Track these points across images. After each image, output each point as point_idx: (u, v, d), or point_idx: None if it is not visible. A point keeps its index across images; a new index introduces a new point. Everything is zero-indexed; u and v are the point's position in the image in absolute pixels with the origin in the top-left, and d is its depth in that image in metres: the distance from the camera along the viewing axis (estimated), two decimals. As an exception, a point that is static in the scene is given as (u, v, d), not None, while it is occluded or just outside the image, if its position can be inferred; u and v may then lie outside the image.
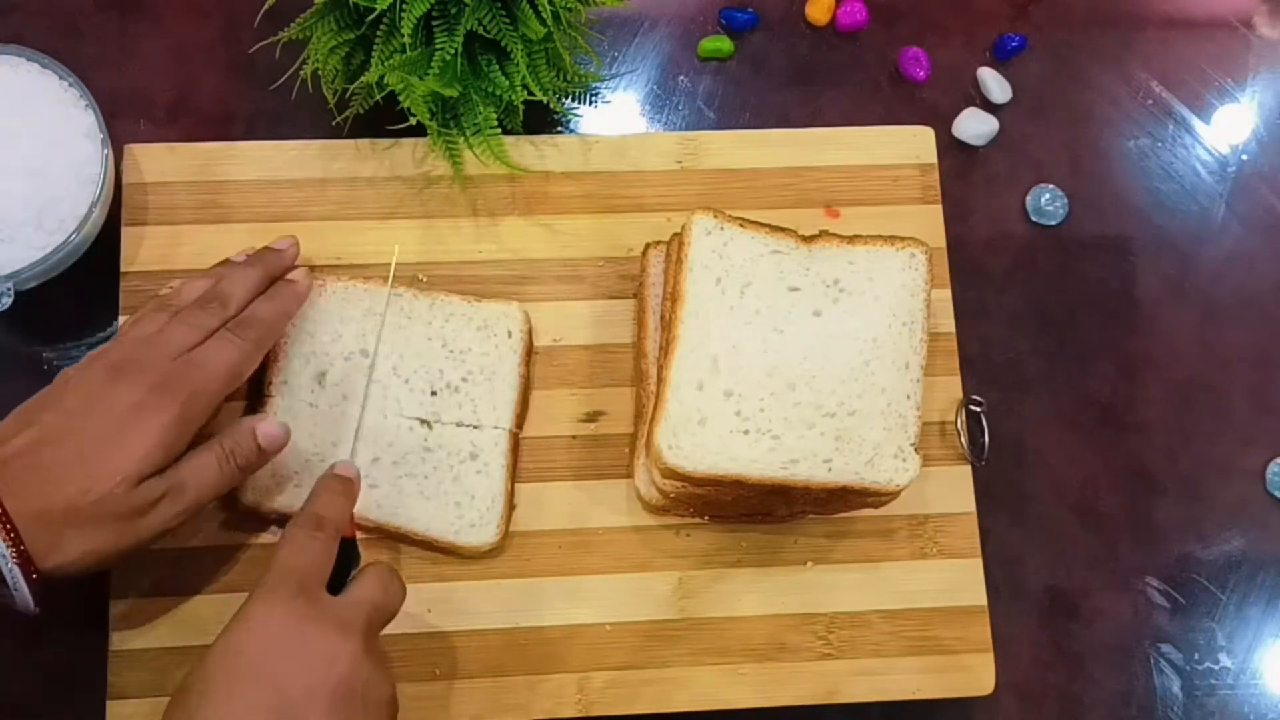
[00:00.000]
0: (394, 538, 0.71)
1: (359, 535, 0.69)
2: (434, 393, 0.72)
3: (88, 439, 0.61)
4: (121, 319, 0.73)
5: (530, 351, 0.74)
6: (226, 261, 0.72)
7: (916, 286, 0.71)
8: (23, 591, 0.60)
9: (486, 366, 0.73)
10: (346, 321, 0.73)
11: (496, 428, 0.72)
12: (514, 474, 0.72)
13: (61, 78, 0.73)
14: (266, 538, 0.71)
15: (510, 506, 0.72)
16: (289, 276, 0.72)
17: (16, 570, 0.59)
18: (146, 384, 0.63)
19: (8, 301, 0.70)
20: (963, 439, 0.75)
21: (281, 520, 0.71)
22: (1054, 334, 0.83)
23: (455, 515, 0.71)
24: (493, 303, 0.74)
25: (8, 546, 0.59)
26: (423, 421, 0.72)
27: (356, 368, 0.72)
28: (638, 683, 0.71)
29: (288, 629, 0.59)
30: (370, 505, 0.70)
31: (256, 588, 0.60)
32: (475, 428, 0.72)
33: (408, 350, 0.73)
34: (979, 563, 0.74)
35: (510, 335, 0.73)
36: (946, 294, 0.78)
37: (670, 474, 0.67)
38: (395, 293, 0.73)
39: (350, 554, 0.65)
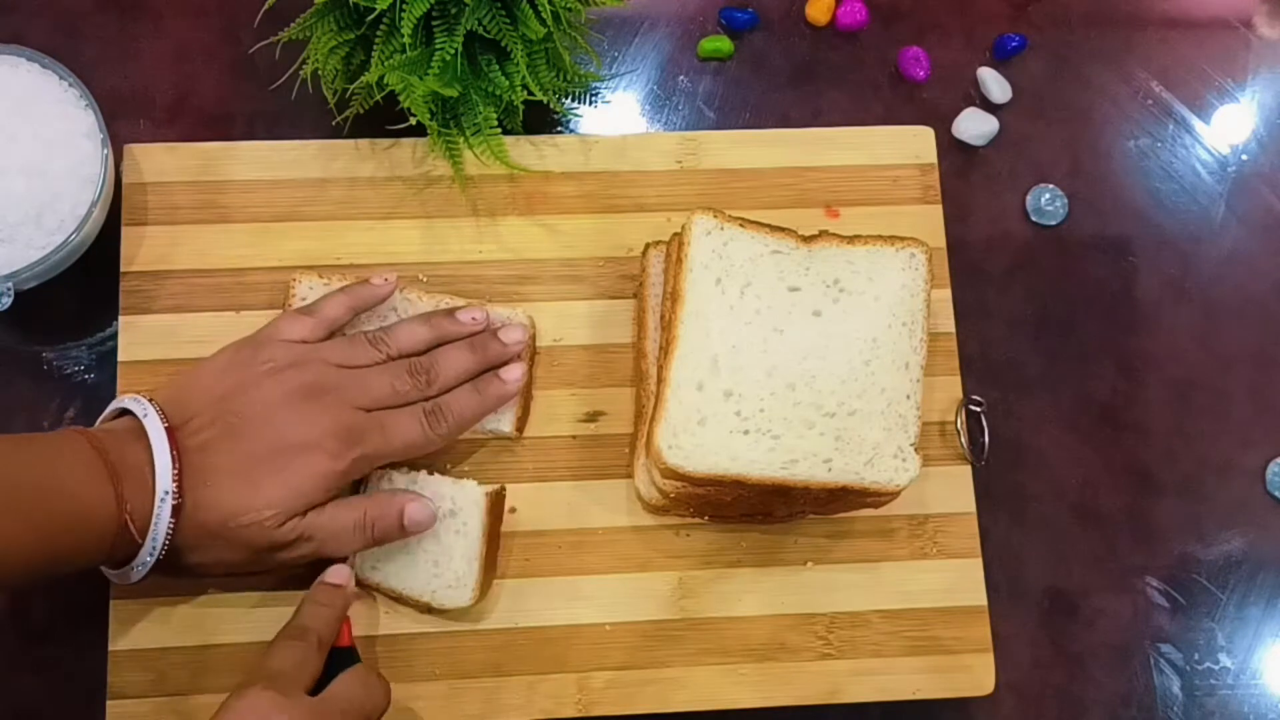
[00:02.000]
0: (376, 593, 0.70)
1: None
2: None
3: (259, 460, 0.63)
4: (121, 318, 0.73)
5: (534, 356, 0.74)
6: (452, 313, 0.71)
7: (916, 286, 0.71)
8: (141, 573, 0.62)
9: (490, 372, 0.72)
10: (352, 323, 0.72)
11: (496, 431, 0.72)
12: (496, 535, 0.70)
13: (61, 78, 0.73)
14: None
15: (490, 569, 0.70)
16: (502, 374, 0.71)
17: (154, 561, 0.61)
18: (330, 425, 0.64)
19: (8, 301, 0.70)
20: (963, 439, 0.75)
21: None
22: (1054, 334, 0.83)
23: (432, 574, 0.69)
24: (499, 308, 0.74)
25: (166, 538, 0.61)
26: (410, 468, 0.70)
27: None
28: (638, 683, 0.71)
29: None
30: (352, 557, 0.69)
31: (235, 688, 0.61)
32: (477, 429, 0.71)
33: (414, 354, 0.72)
34: (979, 563, 0.74)
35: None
36: (946, 294, 0.78)
37: (670, 474, 0.67)
38: (402, 295, 0.73)
39: (347, 663, 0.64)
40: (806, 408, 0.68)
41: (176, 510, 0.61)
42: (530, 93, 0.72)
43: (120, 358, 0.72)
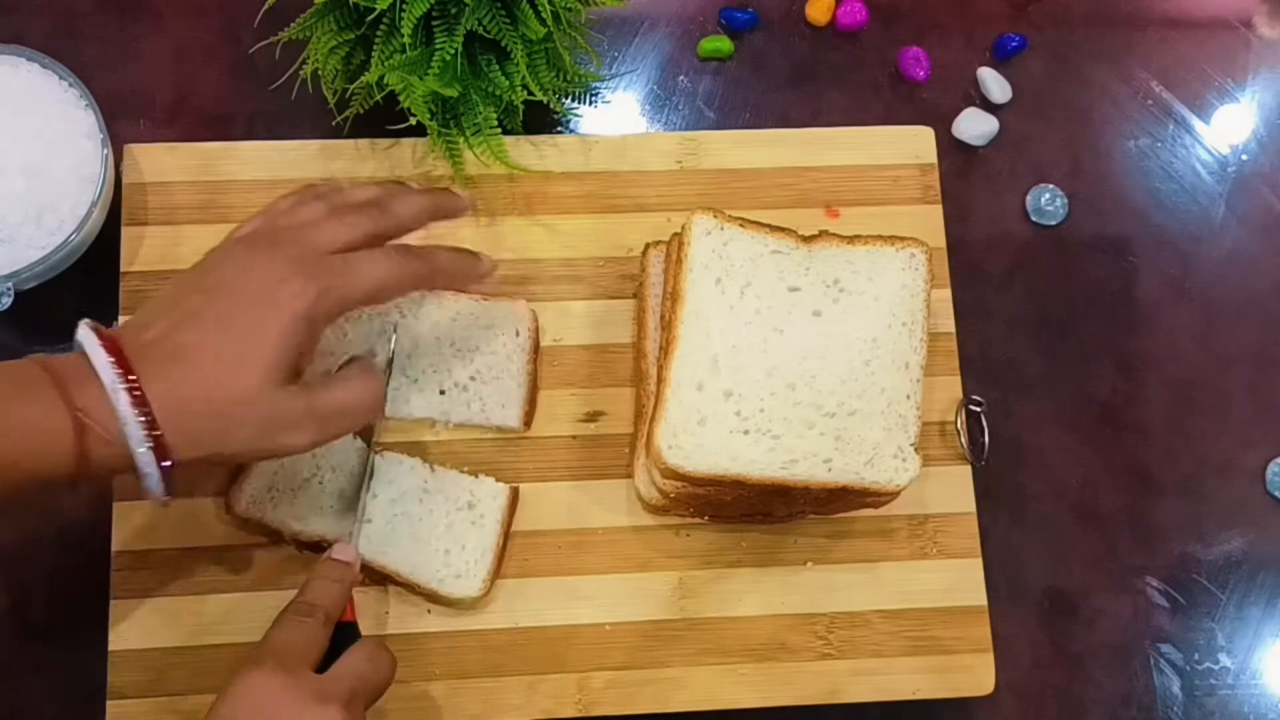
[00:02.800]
0: (378, 576, 0.70)
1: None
2: (442, 392, 0.72)
3: (224, 322, 0.60)
4: (121, 318, 0.73)
5: (538, 349, 0.74)
6: (397, 181, 0.69)
7: (916, 286, 0.71)
8: (153, 479, 0.59)
9: (495, 365, 0.73)
10: (353, 321, 0.72)
11: (503, 426, 0.72)
12: (509, 529, 0.71)
13: (61, 78, 0.73)
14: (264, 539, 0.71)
15: (500, 562, 0.71)
16: (479, 268, 0.69)
17: (151, 458, 0.58)
18: (290, 266, 0.61)
19: (8, 301, 0.70)
20: (963, 439, 0.75)
21: (271, 535, 0.70)
22: (1054, 334, 0.83)
23: (442, 563, 0.69)
24: (500, 302, 0.74)
25: (143, 432, 0.57)
26: (425, 462, 0.71)
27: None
28: (638, 683, 0.71)
29: (267, 701, 0.59)
30: (361, 540, 0.69)
31: (240, 665, 0.60)
32: (479, 424, 0.72)
33: (415, 350, 0.73)
34: (979, 563, 0.74)
35: (518, 334, 0.73)
36: (946, 294, 0.78)
37: (670, 474, 0.67)
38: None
39: (350, 639, 0.64)
40: (806, 408, 0.68)
41: (141, 401, 0.57)
42: (530, 93, 0.72)
43: (120, 358, 0.72)
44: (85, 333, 0.59)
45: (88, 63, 0.77)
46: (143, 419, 0.57)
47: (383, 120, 0.74)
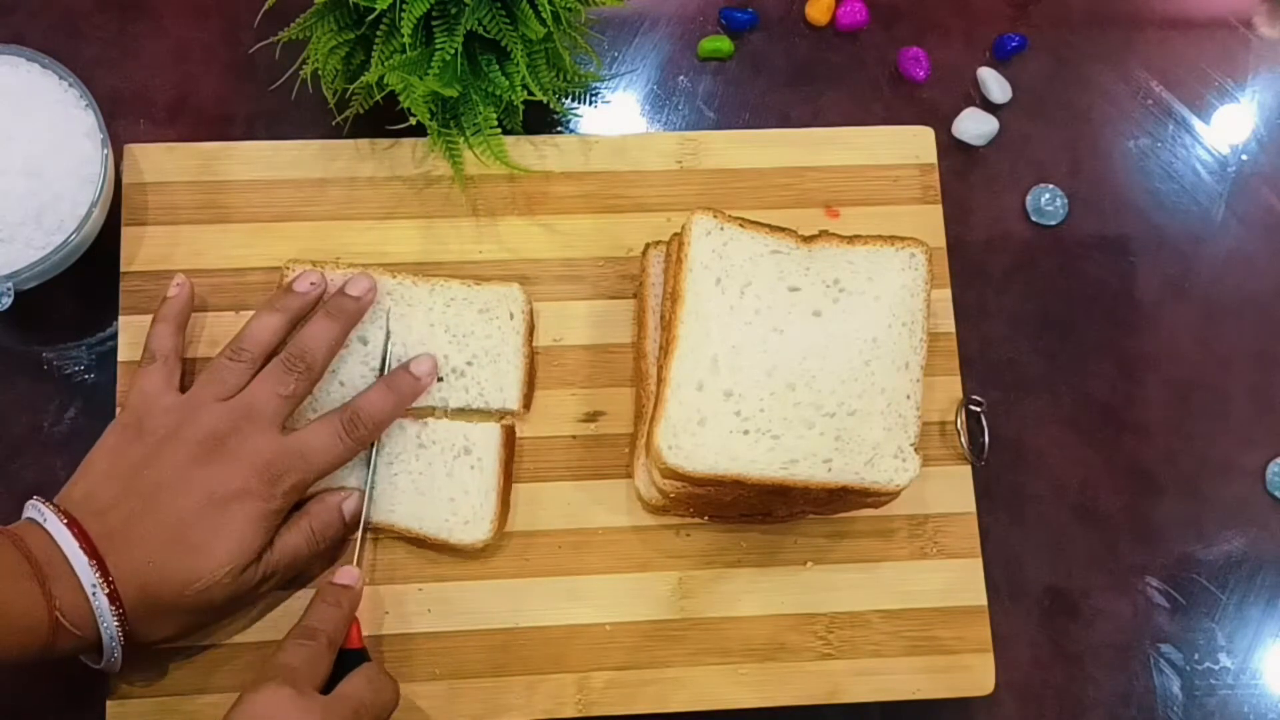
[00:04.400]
0: (391, 536, 0.71)
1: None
2: (440, 378, 0.72)
3: (190, 524, 0.63)
4: (121, 318, 0.73)
5: (532, 331, 0.75)
6: (288, 290, 0.70)
7: (916, 286, 0.71)
8: (115, 663, 0.63)
9: (491, 349, 0.73)
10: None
11: (503, 410, 0.72)
12: (509, 470, 0.72)
13: (61, 78, 0.73)
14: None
15: (505, 504, 0.72)
16: (412, 368, 0.70)
17: (119, 646, 0.62)
18: (248, 468, 0.64)
19: (8, 301, 0.70)
20: (963, 439, 0.75)
21: None
22: (1054, 334, 0.83)
23: (449, 512, 0.70)
24: (493, 285, 0.74)
25: (116, 624, 0.61)
26: (416, 418, 0.72)
27: (355, 355, 0.72)
28: (638, 683, 0.71)
29: (278, 714, 0.59)
30: (367, 502, 0.70)
31: (249, 685, 0.61)
32: (478, 409, 0.72)
33: (410, 338, 0.73)
34: (979, 563, 0.74)
35: (512, 317, 0.73)
36: (946, 294, 0.78)
37: (670, 474, 0.67)
38: (396, 281, 0.73)
39: (355, 663, 0.65)
40: (806, 408, 0.68)
41: (115, 597, 0.61)
42: (530, 93, 0.72)
43: (120, 358, 0.72)
44: (54, 523, 0.61)
45: (88, 63, 0.78)
46: (117, 617, 0.61)
47: (383, 120, 0.74)
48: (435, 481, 0.71)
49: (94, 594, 0.60)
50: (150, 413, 0.66)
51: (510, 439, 0.72)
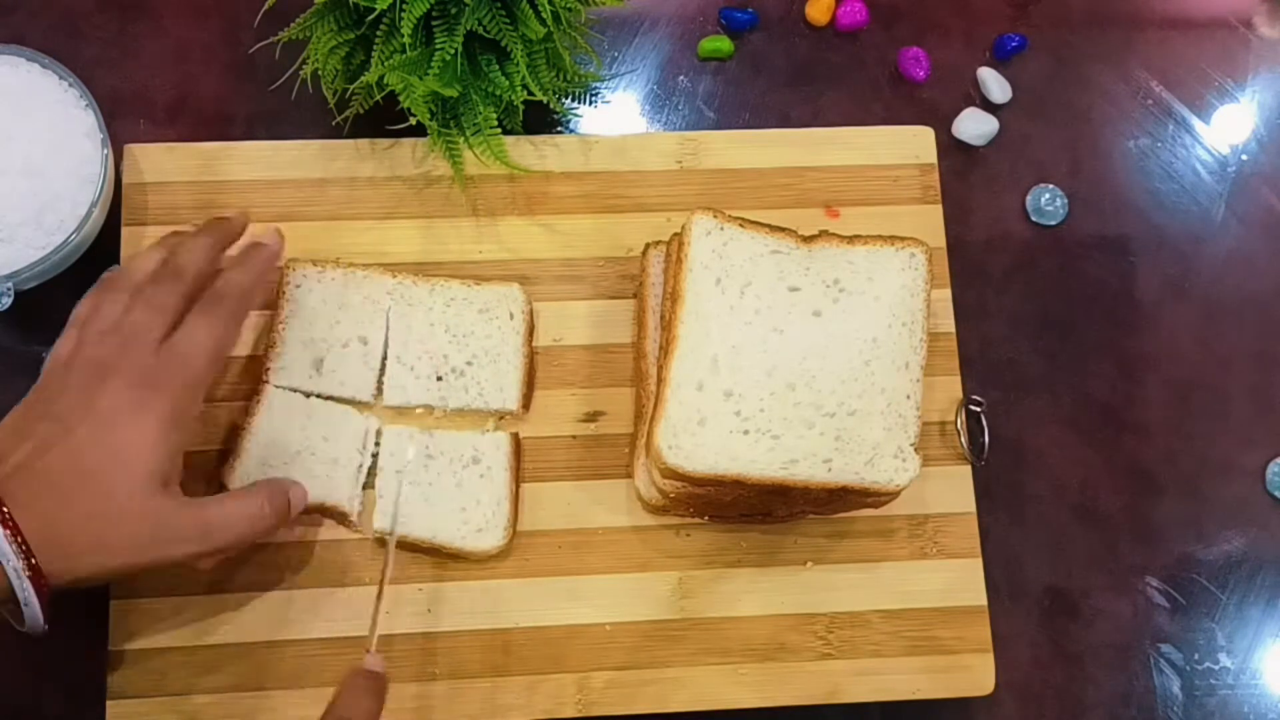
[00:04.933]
0: (402, 546, 0.71)
1: None
2: (439, 378, 0.72)
3: (87, 446, 0.61)
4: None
5: (532, 331, 0.75)
6: (174, 233, 0.69)
7: (916, 286, 0.71)
8: (34, 608, 0.59)
9: (490, 349, 0.73)
10: (345, 308, 0.73)
11: (502, 410, 0.72)
12: (518, 476, 0.72)
13: (61, 78, 0.73)
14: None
15: (516, 509, 0.72)
16: (260, 239, 0.70)
17: (29, 586, 0.59)
18: (133, 382, 0.62)
19: (8, 301, 0.70)
20: (963, 439, 0.75)
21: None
22: (1054, 334, 0.83)
23: (461, 521, 0.70)
24: (493, 285, 0.74)
25: (20, 561, 0.58)
26: (424, 429, 0.72)
27: (355, 354, 0.72)
28: (638, 683, 0.71)
29: None
30: (377, 515, 0.70)
31: None
32: (477, 409, 0.72)
33: (410, 337, 0.73)
34: (979, 563, 0.74)
35: (512, 317, 0.74)
36: (946, 294, 0.78)
37: (670, 474, 0.67)
38: (396, 281, 0.73)
39: None
40: (806, 408, 0.68)
41: (14, 530, 0.58)
42: (530, 93, 0.72)
43: (120, 358, 0.72)
44: None
45: (88, 63, 0.77)
46: (20, 550, 0.58)
47: (383, 120, 0.74)
48: (446, 492, 0.71)
49: None
50: (49, 365, 0.64)
51: (517, 447, 0.73)
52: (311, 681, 0.69)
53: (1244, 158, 0.88)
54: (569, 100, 0.82)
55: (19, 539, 0.58)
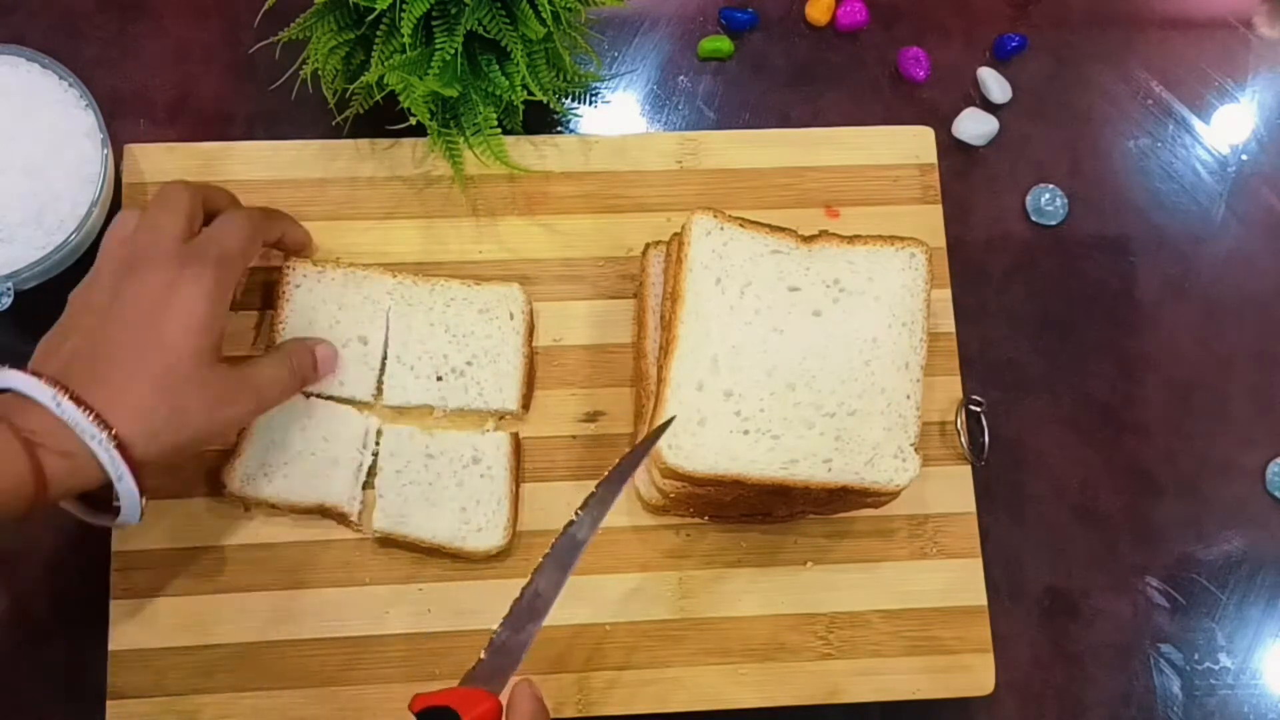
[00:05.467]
0: (403, 546, 0.71)
1: None
2: (439, 378, 0.72)
3: (139, 321, 0.61)
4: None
5: (532, 331, 0.75)
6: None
7: (916, 286, 0.71)
8: (128, 482, 0.60)
9: (490, 349, 0.73)
10: (345, 308, 0.73)
11: (502, 410, 0.72)
12: (518, 476, 0.72)
13: (61, 78, 0.73)
14: (265, 538, 0.71)
15: (516, 509, 0.72)
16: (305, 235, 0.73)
17: (119, 458, 0.59)
18: (171, 263, 0.63)
19: (8, 301, 0.70)
20: (963, 439, 0.75)
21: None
22: (1054, 334, 0.83)
23: (461, 521, 0.70)
24: (493, 285, 0.74)
25: (102, 432, 0.58)
26: (424, 429, 0.72)
27: (355, 354, 0.72)
28: (638, 683, 0.71)
29: None
30: (377, 515, 0.70)
31: None
32: (477, 409, 0.72)
33: (410, 337, 0.73)
34: (979, 563, 0.74)
35: (512, 317, 0.74)
36: (946, 294, 0.78)
37: (670, 474, 0.67)
38: (396, 281, 0.73)
39: None
40: (806, 408, 0.68)
41: (83, 403, 0.58)
42: (530, 93, 0.72)
43: (120, 358, 0.72)
44: (4, 371, 0.60)
45: (88, 63, 0.77)
46: (93, 419, 0.58)
47: (383, 120, 0.74)
48: (446, 491, 0.71)
49: (57, 405, 0.58)
50: (75, 293, 0.65)
51: (517, 447, 0.73)
52: (312, 681, 0.69)
53: (1244, 158, 0.88)
54: (569, 100, 0.82)
55: (93, 412, 0.58)
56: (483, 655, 0.61)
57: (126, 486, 0.60)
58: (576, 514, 0.65)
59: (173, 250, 0.64)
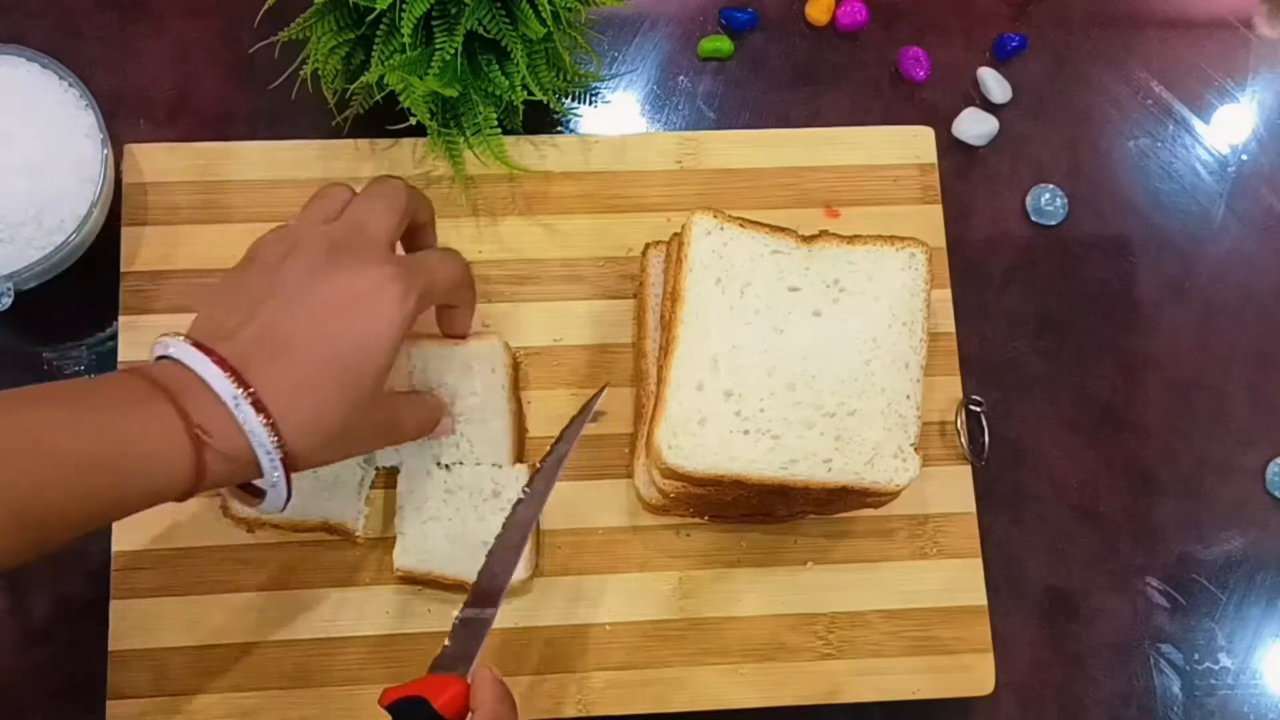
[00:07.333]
0: (425, 583, 0.71)
1: None
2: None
3: (331, 321, 0.58)
4: (121, 318, 0.73)
5: (516, 382, 0.73)
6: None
7: (916, 286, 0.71)
8: (280, 489, 0.58)
9: (477, 406, 0.71)
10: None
11: (494, 464, 0.71)
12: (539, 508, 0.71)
13: (61, 78, 0.73)
14: (265, 537, 0.71)
15: (538, 541, 0.71)
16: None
17: (276, 459, 0.56)
18: (379, 269, 0.59)
19: (8, 301, 0.70)
20: (963, 439, 0.75)
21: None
22: (1054, 334, 0.83)
23: (484, 556, 0.69)
24: (472, 342, 0.72)
25: (266, 433, 0.56)
26: (440, 464, 0.71)
27: None
28: (638, 683, 0.71)
29: None
30: (398, 553, 0.69)
31: None
32: (496, 466, 0.71)
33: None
34: (979, 563, 0.74)
35: (494, 371, 0.72)
36: (946, 294, 0.78)
37: (670, 474, 0.67)
38: None
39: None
40: (806, 408, 0.68)
41: (260, 405, 0.55)
42: (530, 93, 0.72)
43: (120, 358, 0.72)
44: (181, 348, 0.57)
45: (88, 63, 0.77)
46: (267, 426, 0.56)
47: (383, 120, 0.74)
48: (467, 527, 0.70)
49: (236, 405, 0.55)
50: (259, 247, 0.62)
51: (536, 475, 0.71)
52: (312, 681, 0.69)
53: (1244, 158, 0.88)
54: (569, 100, 0.82)
55: (271, 423, 0.56)
56: (447, 642, 0.61)
57: (278, 491, 0.58)
58: (524, 492, 0.66)
59: (381, 255, 0.61)
